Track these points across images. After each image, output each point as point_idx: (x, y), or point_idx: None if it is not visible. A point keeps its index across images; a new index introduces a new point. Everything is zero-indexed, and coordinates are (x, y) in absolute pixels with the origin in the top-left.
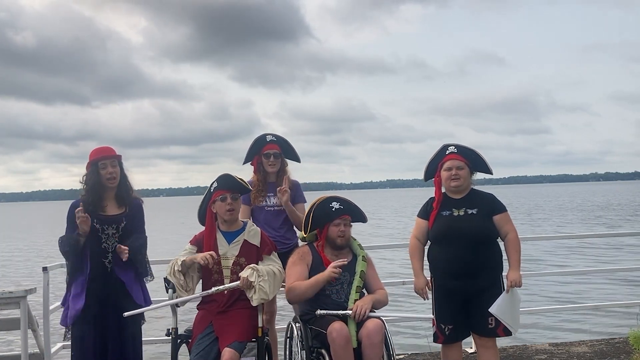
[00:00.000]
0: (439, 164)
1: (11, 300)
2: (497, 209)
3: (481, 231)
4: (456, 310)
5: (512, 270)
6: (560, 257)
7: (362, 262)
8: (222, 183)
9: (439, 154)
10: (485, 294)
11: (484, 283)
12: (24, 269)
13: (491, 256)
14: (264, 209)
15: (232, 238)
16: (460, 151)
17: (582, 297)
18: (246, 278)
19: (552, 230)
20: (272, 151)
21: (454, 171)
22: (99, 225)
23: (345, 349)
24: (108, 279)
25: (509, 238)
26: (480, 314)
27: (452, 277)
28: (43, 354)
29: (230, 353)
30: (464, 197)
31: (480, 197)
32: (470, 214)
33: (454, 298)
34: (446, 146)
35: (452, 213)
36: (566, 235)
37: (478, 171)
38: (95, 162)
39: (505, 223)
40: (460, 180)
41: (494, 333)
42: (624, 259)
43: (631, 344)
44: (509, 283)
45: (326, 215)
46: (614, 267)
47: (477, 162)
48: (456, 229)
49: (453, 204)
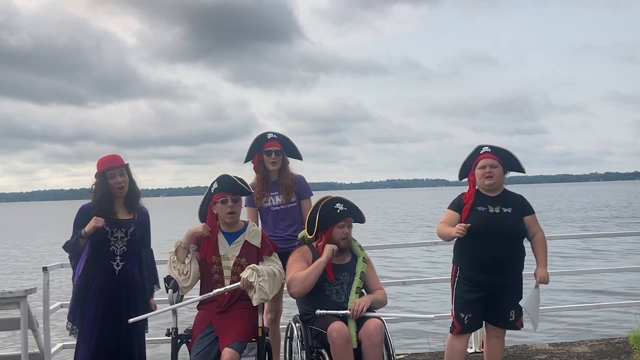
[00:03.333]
0: (473, 163)
1: (11, 300)
2: (529, 210)
3: (516, 229)
4: (478, 302)
5: (541, 268)
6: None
7: (362, 264)
8: (222, 185)
9: (473, 154)
10: (510, 290)
11: (511, 279)
12: (24, 269)
13: (519, 254)
14: (270, 209)
15: (233, 239)
16: (494, 151)
17: (582, 297)
18: (246, 278)
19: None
20: (273, 148)
21: (488, 169)
22: (109, 228)
23: (345, 349)
24: (116, 281)
25: (538, 238)
26: (502, 307)
27: (483, 270)
28: (43, 354)
29: (230, 353)
30: (499, 196)
31: (513, 197)
32: (505, 212)
33: (479, 290)
34: (480, 146)
35: (487, 209)
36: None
37: (511, 170)
38: (104, 172)
39: (535, 224)
40: (493, 178)
41: (513, 326)
42: (624, 259)
43: (631, 344)
44: (538, 279)
45: (331, 217)
46: (614, 267)
47: (510, 161)
48: (492, 225)
49: (488, 201)
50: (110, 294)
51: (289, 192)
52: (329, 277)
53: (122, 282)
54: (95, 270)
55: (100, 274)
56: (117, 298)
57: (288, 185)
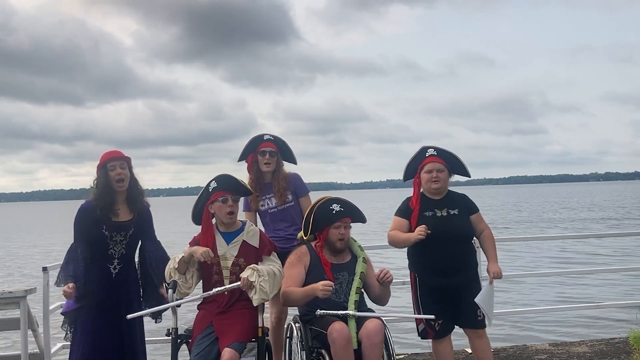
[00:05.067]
0: (418, 166)
1: (11, 300)
2: (473, 209)
3: (465, 230)
4: (444, 305)
5: (493, 263)
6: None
7: (362, 264)
8: (222, 184)
9: (418, 156)
10: (470, 288)
11: (467, 278)
12: (23, 269)
13: (471, 253)
14: (267, 212)
15: (231, 239)
16: (440, 154)
17: (582, 297)
18: (247, 278)
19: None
20: (268, 149)
21: (435, 174)
22: (108, 232)
23: (346, 349)
24: (113, 284)
25: (485, 234)
26: (468, 307)
27: (439, 274)
28: (43, 354)
29: (230, 353)
30: (443, 198)
31: (457, 197)
32: (452, 214)
33: (440, 294)
34: (425, 148)
35: (435, 214)
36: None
37: (456, 174)
38: (105, 164)
39: (480, 221)
40: (440, 182)
41: (483, 324)
42: (624, 259)
43: (631, 344)
44: (492, 274)
45: (327, 218)
46: (614, 267)
47: (455, 165)
48: (441, 229)
49: (434, 204)
50: (107, 297)
51: (283, 193)
52: (328, 277)
53: (118, 285)
54: (91, 273)
55: (97, 277)
56: (114, 301)
57: (282, 186)
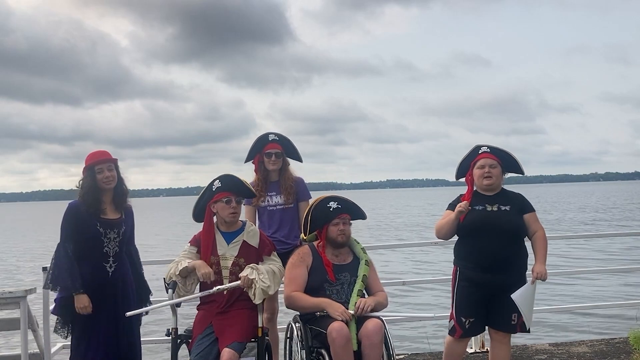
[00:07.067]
0: (471, 162)
1: (11, 300)
2: (528, 208)
3: (515, 226)
4: (480, 304)
5: (540, 263)
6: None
7: (364, 267)
8: (226, 184)
9: (471, 154)
10: (511, 290)
11: (512, 278)
12: (23, 269)
13: (520, 252)
14: (267, 208)
15: (231, 238)
16: (493, 151)
17: (582, 297)
18: (247, 277)
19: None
20: (273, 150)
21: (487, 169)
22: (102, 229)
23: (345, 349)
24: (110, 283)
25: (538, 235)
26: (504, 309)
27: (483, 270)
28: (43, 354)
29: (230, 353)
30: (496, 195)
31: (511, 195)
32: (503, 210)
33: (480, 291)
34: (479, 146)
35: (485, 208)
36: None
37: (510, 171)
38: (92, 166)
39: (534, 221)
40: (492, 178)
41: (514, 329)
42: (624, 259)
43: (631, 344)
44: (535, 274)
45: (324, 215)
46: (614, 267)
47: (509, 162)
48: (490, 223)
49: (486, 200)
50: (105, 296)
51: (290, 192)
52: (330, 278)
53: (116, 284)
54: (87, 273)
55: (93, 276)
56: (112, 300)
57: (289, 186)
